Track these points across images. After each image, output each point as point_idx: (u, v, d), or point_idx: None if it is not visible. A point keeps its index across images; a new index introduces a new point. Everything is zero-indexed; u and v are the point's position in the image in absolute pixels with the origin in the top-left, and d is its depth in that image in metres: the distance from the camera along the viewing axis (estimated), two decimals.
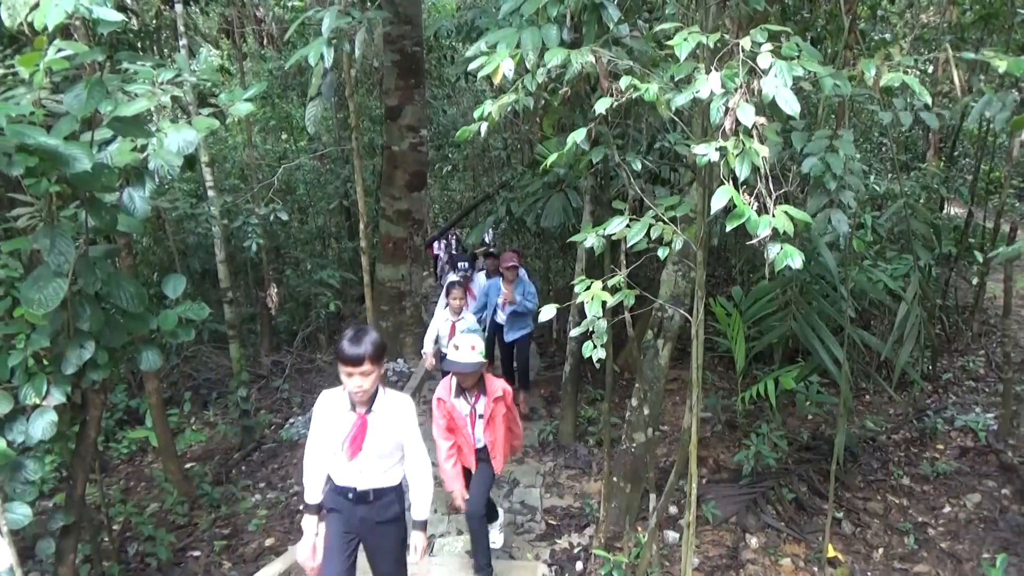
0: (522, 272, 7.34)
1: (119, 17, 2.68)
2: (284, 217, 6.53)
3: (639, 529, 4.69)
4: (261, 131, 13.57)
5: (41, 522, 3.88)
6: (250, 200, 7.36)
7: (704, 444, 6.22)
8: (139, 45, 7.80)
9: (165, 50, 8.00)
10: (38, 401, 3.23)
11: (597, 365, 2.74)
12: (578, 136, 2.44)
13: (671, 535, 4.90)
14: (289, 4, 12.47)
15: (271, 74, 10.36)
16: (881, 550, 4.59)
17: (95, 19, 2.63)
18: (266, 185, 6.74)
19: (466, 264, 8.43)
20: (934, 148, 9.56)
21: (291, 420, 7.43)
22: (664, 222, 2.65)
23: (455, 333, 5.99)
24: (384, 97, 9.02)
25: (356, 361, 2.83)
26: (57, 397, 3.27)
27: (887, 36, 8.43)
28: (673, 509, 5.13)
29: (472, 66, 2.68)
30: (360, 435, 3.04)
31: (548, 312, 2.69)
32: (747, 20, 3.18)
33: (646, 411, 4.52)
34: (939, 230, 6.24)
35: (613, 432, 5.64)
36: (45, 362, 3.36)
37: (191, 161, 4.04)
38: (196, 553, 5.06)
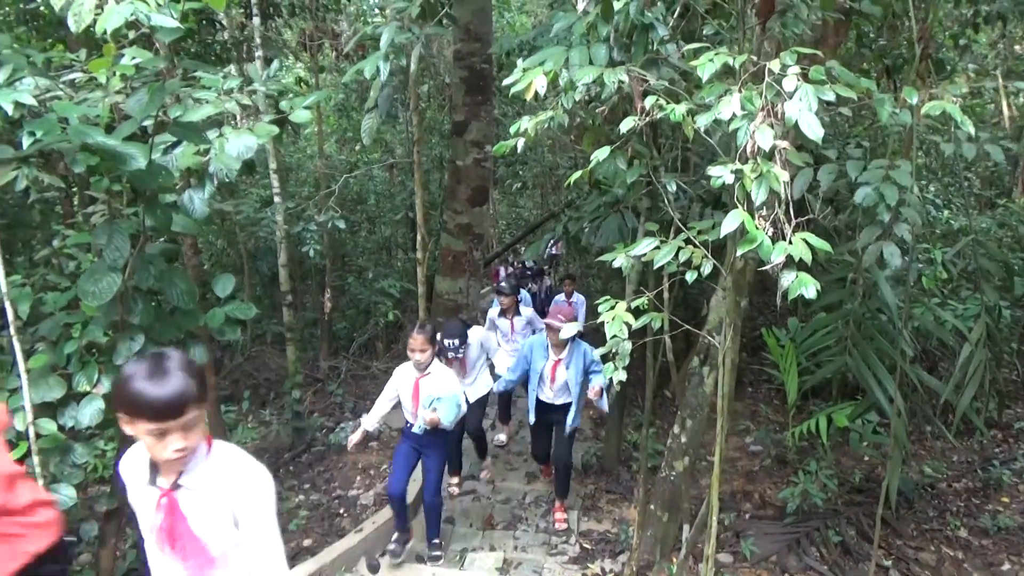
0: (580, 312, 7.27)
1: (175, 24, 2.81)
2: (341, 225, 6.69)
3: (672, 560, 4.57)
4: (338, 142, 14.01)
5: (88, 505, 4.06)
6: (311, 207, 7.58)
7: (751, 478, 6.04)
8: (223, 56, 8.20)
9: (245, 61, 8.36)
10: (89, 388, 3.39)
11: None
12: (601, 154, 2.43)
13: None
14: (371, 20, 12.90)
15: (346, 87, 10.67)
16: None
17: (153, 26, 2.76)
18: (328, 193, 6.93)
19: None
20: (1022, 184, 9.08)
21: (342, 424, 7.57)
22: (695, 246, 2.60)
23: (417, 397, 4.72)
24: (452, 112, 9.17)
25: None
26: (106, 386, 3.42)
27: (970, 67, 8.08)
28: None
29: (506, 82, 2.70)
30: None
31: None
32: (798, 44, 3.10)
33: (683, 439, 4.41)
34: (1011, 269, 5.90)
35: (656, 459, 5.54)
36: (97, 352, 3.53)
37: (250, 166, 4.18)
38: None
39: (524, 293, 8.27)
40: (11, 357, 3.21)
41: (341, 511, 5.72)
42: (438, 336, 5.06)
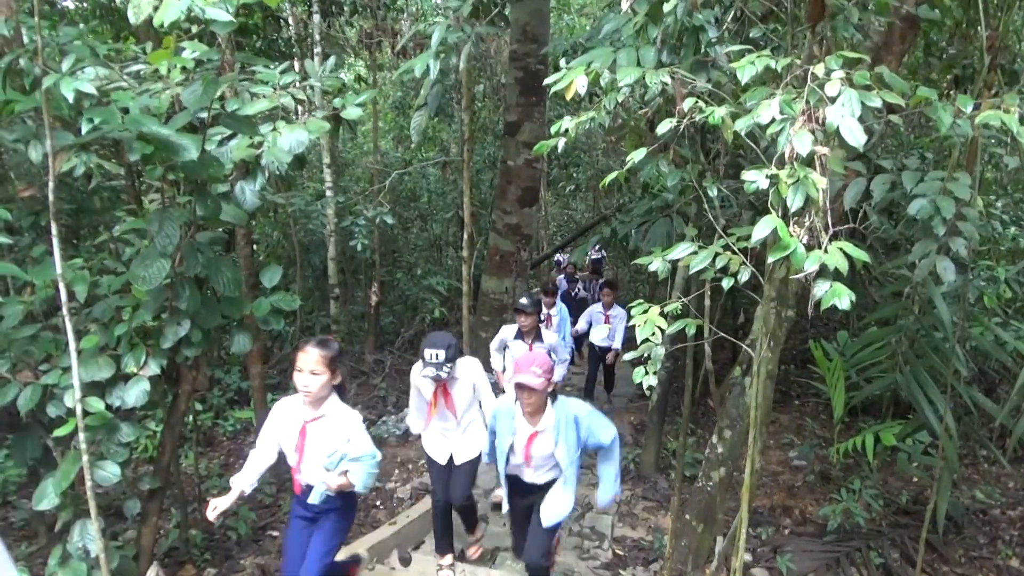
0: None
1: (229, 18, 2.88)
2: (389, 220, 6.77)
3: (705, 571, 4.50)
4: (394, 139, 14.21)
5: (132, 483, 4.20)
6: (362, 202, 7.70)
7: (792, 493, 5.90)
8: (287, 52, 8.41)
9: (306, 58, 8.56)
10: (136, 370, 3.51)
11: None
12: (637, 155, 2.41)
13: None
14: (431, 19, 13.06)
15: (404, 85, 10.81)
16: None
17: (207, 19, 2.84)
18: (378, 189, 7.03)
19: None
20: None
21: (383, 418, 7.66)
22: (734, 252, 2.55)
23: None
24: (505, 113, 9.20)
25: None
26: (153, 368, 3.54)
27: None
28: (747, 556, 4.88)
29: (547, 81, 2.70)
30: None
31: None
32: (853, 49, 3.02)
33: (721, 450, 4.34)
34: None
35: (694, 469, 5.47)
36: (146, 335, 3.66)
37: (301, 160, 4.26)
38: (275, 533, 5.29)
39: (562, 306, 7.30)
40: (64, 337, 3.34)
41: (378, 503, 5.79)
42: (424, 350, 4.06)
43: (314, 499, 3.23)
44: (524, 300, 5.67)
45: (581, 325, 8.21)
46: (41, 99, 2.88)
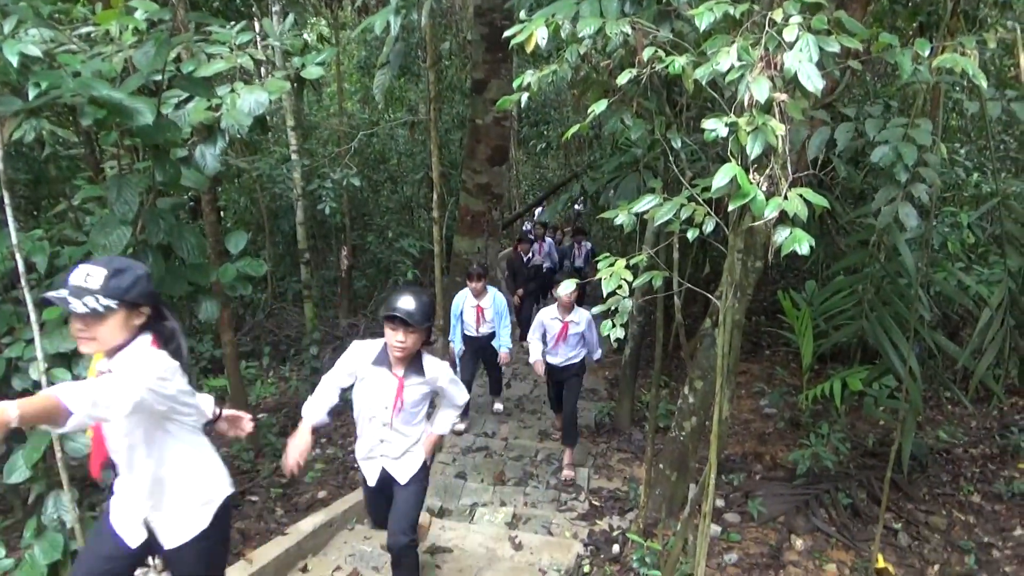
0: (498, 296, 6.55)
1: None
2: (356, 183, 6.69)
3: (679, 518, 4.60)
4: (360, 100, 13.95)
5: None
6: (327, 165, 7.59)
7: (763, 440, 6.04)
8: (245, 12, 8.16)
9: (265, 16, 8.31)
10: None
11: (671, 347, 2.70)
12: (598, 107, 2.39)
13: (714, 528, 4.78)
14: None
15: (367, 44, 10.59)
16: (937, 566, 4.33)
17: None
18: (344, 151, 6.93)
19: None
20: None
21: None
22: (698, 203, 2.56)
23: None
24: (472, 70, 9.07)
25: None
26: None
27: (1009, 24, 7.77)
28: (720, 502, 5.00)
29: (507, 33, 2.65)
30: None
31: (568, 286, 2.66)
32: None
33: (692, 400, 4.41)
34: None
35: (668, 420, 5.56)
36: None
37: (262, 122, 4.17)
38: (254, 498, 5.31)
39: (497, 297, 6.68)
40: (25, 309, 3.28)
41: (356, 465, 5.82)
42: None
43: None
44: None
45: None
46: None
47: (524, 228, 15.25)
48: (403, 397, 3.30)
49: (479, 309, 6.41)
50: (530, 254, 10.50)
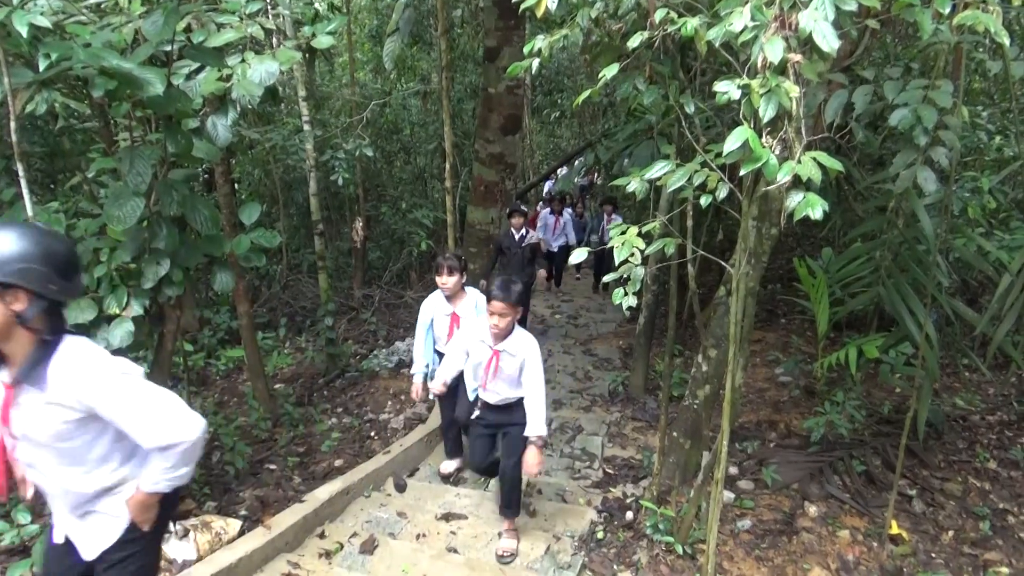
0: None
1: None
2: (369, 153, 6.67)
3: (692, 485, 4.62)
4: (373, 70, 13.85)
5: None
6: (340, 136, 7.56)
7: (778, 408, 6.03)
8: None
9: None
10: (119, 311, 3.50)
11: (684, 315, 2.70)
12: (609, 72, 2.35)
13: (728, 495, 4.81)
14: None
15: (379, 12, 10.49)
16: (951, 532, 4.33)
17: None
18: (357, 121, 6.89)
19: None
20: None
21: (374, 352, 7.73)
22: (712, 169, 2.53)
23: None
24: (484, 38, 8.96)
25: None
26: (136, 309, 3.53)
27: None
28: (733, 470, 5.02)
29: None
30: None
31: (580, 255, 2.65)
32: None
33: (705, 368, 4.40)
34: None
35: (682, 388, 5.56)
36: (127, 276, 3.63)
37: (273, 93, 4.16)
38: (272, 466, 5.40)
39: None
40: None
41: (372, 434, 5.90)
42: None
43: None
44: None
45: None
46: None
47: (545, 193, 14.91)
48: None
49: (455, 318, 4.80)
50: (523, 230, 7.97)
